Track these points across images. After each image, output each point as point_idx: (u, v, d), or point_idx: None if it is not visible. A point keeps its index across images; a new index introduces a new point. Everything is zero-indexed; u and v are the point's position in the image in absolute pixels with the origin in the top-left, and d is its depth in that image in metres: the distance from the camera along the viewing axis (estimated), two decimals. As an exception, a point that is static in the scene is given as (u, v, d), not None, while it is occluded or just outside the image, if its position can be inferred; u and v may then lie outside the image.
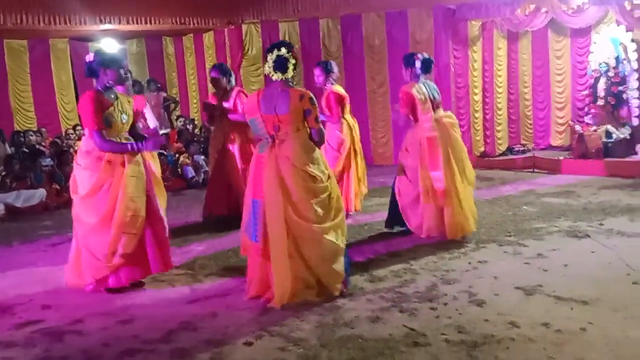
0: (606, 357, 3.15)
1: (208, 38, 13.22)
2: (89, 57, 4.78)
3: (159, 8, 12.04)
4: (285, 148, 4.24)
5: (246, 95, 6.99)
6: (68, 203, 5.41)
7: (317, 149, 4.34)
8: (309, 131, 4.30)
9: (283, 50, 4.25)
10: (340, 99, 6.78)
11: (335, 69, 6.90)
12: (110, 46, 13.28)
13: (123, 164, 4.62)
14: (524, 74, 11.73)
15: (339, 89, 6.88)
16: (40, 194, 8.46)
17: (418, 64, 5.69)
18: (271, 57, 4.26)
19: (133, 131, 4.90)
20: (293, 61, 4.27)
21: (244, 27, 12.08)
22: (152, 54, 13.94)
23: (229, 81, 6.89)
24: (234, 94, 6.84)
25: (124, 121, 4.73)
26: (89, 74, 4.76)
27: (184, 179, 9.61)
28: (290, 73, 4.28)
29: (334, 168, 6.54)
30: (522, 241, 5.46)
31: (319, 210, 4.22)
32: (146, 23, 12.03)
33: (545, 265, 4.78)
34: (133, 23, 11.91)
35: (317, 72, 6.86)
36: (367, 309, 4.07)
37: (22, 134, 10.58)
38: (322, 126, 4.31)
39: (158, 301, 4.51)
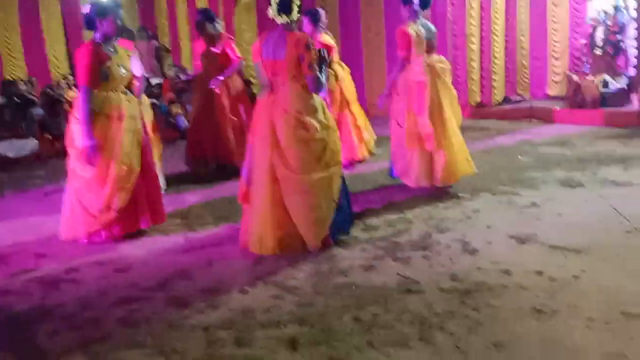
0: (598, 305, 3.18)
1: (200, -16, 12.90)
2: (86, 9, 4.68)
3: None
4: (281, 95, 4.17)
5: (233, 42, 6.92)
6: (61, 153, 5.37)
7: (315, 97, 4.25)
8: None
9: None
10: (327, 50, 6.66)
11: (324, 17, 6.74)
12: (100, -7, 12.93)
13: (120, 118, 4.57)
14: (522, 22, 11.52)
15: (327, 39, 6.74)
16: (32, 143, 8.39)
17: None
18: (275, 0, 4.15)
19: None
20: (298, 2, 4.15)
21: (236, -27, 11.80)
22: (143, 0, 13.63)
23: (214, 27, 6.78)
24: (222, 40, 6.77)
25: (123, 75, 4.65)
26: (87, 26, 4.65)
27: (176, 128, 9.53)
28: (294, 15, 4.16)
29: None
30: (516, 190, 5.46)
31: (308, 160, 4.14)
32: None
33: (539, 214, 4.79)
34: (122, -33, 11.59)
35: (304, 21, 6.71)
36: (362, 258, 4.09)
37: (13, 83, 10.40)
38: (319, 74, 4.21)
39: (153, 250, 4.52)
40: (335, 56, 6.79)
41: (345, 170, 4.99)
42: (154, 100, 9.15)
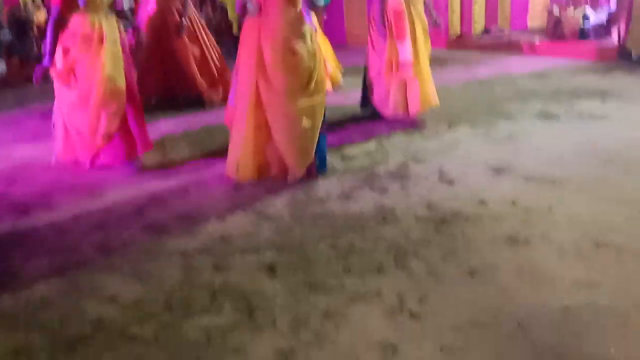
0: (571, 234, 3.24)
1: None
2: None
3: None
4: (271, 19, 4.04)
5: None
6: (30, 77, 5.19)
7: (306, 24, 4.13)
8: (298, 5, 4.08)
9: None
10: None
11: None
12: None
13: (101, 40, 4.40)
14: (505, -49, 11.29)
15: None
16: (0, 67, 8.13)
17: None
18: None
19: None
20: None
21: None
22: None
23: None
24: None
25: None
26: None
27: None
28: None
29: None
30: (494, 122, 5.46)
31: (294, 87, 4.07)
32: None
33: (516, 146, 4.81)
34: None
35: None
36: (339, 187, 4.09)
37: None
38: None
39: (128, 178, 4.46)
40: None
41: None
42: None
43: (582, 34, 9.31)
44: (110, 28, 4.48)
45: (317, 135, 4.22)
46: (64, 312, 2.69)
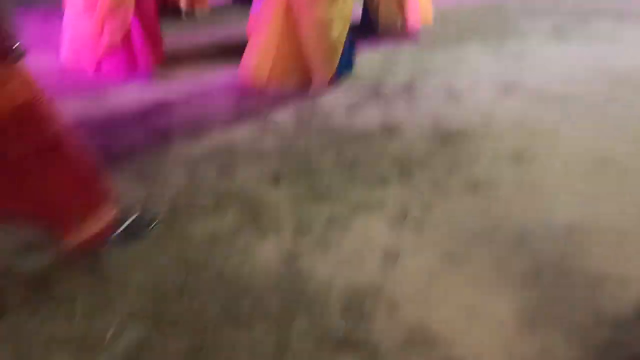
0: (576, 152, 3.23)
1: None
2: None
3: None
4: None
5: None
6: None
7: None
8: None
9: None
10: None
11: None
12: None
13: None
14: None
15: None
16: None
17: None
18: None
19: None
20: None
21: None
22: None
23: None
24: None
25: None
26: None
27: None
28: None
29: None
30: (504, 40, 5.35)
31: None
32: None
33: (525, 63, 4.73)
34: None
35: None
36: (345, 99, 4.05)
37: None
38: None
39: (133, 86, 4.40)
40: None
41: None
42: None
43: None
44: None
45: (343, 45, 4.21)
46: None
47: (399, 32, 5.40)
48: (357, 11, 6.09)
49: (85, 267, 2.27)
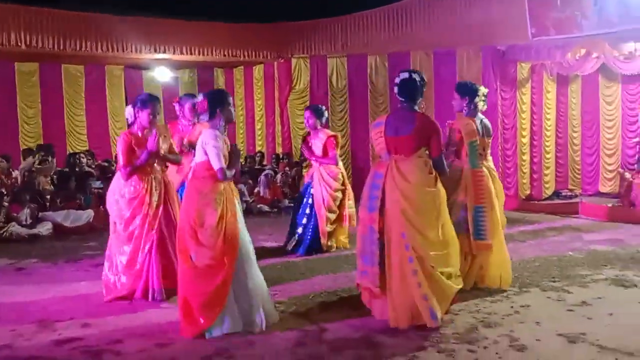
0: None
1: (258, 71, 13.51)
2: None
3: (212, 40, 12.46)
4: (403, 168, 4.40)
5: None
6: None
7: (434, 175, 4.45)
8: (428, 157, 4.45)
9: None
10: (338, 142, 6.95)
11: (326, 113, 7.19)
12: (163, 75, 13.72)
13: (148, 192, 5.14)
14: (573, 118, 11.59)
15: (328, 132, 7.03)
16: (87, 215, 8.68)
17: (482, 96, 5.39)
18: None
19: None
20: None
21: (293, 61, 12.33)
22: (203, 83, 14.30)
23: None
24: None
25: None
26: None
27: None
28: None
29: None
30: (566, 287, 5.31)
31: (440, 233, 4.39)
32: (199, 54, 12.47)
33: (590, 313, 4.63)
34: (186, 54, 12.35)
35: (307, 114, 7.03)
36: (406, 347, 4.01)
37: (77, 156, 10.76)
38: (443, 158, 4.53)
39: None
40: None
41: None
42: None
43: (656, 199, 9.16)
44: (156, 179, 5.29)
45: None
46: None
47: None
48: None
49: None
